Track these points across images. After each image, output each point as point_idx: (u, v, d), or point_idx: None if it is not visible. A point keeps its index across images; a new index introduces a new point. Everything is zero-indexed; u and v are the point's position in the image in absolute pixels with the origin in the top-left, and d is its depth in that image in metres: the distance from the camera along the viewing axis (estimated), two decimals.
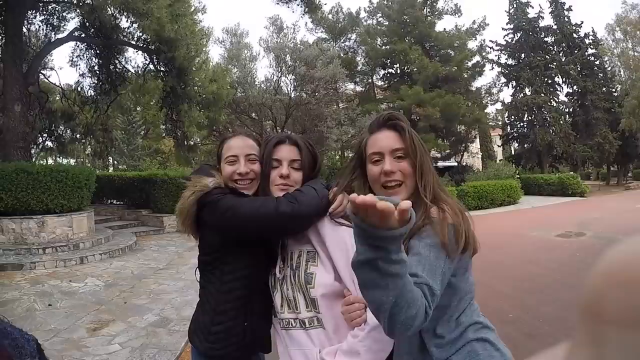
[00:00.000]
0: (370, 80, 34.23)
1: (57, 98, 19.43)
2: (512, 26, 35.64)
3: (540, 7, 35.76)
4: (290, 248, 1.77)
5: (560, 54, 35.48)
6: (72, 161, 32.08)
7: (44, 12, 15.52)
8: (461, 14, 32.59)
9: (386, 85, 33.91)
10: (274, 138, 1.85)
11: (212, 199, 1.76)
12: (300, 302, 1.68)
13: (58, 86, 18.19)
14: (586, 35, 35.17)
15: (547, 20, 35.76)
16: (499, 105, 37.70)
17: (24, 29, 14.23)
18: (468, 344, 1.47)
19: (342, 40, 32.99)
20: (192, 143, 19.89)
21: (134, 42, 15.14)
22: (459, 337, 1.48)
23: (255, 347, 1.92)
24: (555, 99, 35.45)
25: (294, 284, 1.70)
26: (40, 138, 19.06)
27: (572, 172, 31.06)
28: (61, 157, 28.50)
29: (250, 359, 1.96)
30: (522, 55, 34.98)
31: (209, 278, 1.87)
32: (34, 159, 17.04)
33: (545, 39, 35.68)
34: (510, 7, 35.87)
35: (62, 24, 15.87)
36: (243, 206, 1.72)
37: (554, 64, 34.38)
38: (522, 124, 35.86)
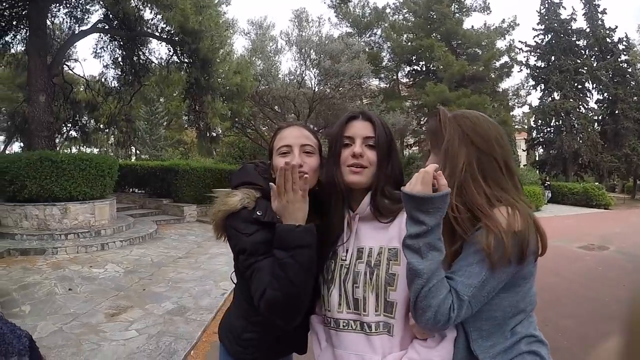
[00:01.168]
0: (395, 77, 33.91)
1: (81, 89, 19.73)
2: (543, 27, 34.64)
3: (573, 9, 34.73)
4: (367, 242, 1.58)
5: (592, 59, 34.41)
6: (96, 151, 32.60)
7: (68, 5, 15.66)
8: (490, 12, 32.14)
9: (411, 83, 33.58)
10: (345, 115, 1.70)
11: (234, 226, 1.61)
12: (370, 304, 1.50)
13: (82, 77, 18.46)
14: (620, 41, 34.04)
15: (580, 23, 34.81)
16: (526, 108, 36.95)
17: (48, 22, 14.41)
18: (520, 355, 1.44)
19: (367, 35, 32.71)
20: (214, 134, 19.89)
21: (157, 34, 15.23)
22: (511, 348, 1.44)
23: (289, 351, 1.89)
24: (585, 105, 34.41)
25: (368, 284, 1.50)
26: (65, 128, 19.35)
27: (597, 183, 30.40)
28: (85, 147, 28.95)
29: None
30: (552, 58, 33.99)
31: (241, 287, 1.79)
32: (58, 148, 17.32)
33: (577, 42, 34.59)
34: (542, 7, 34.87)
35: (85, 16, 16.02)
36: (254, 274, 1.52)
37: (585, 68, 33.46)
38: (548, 129, 35.02)
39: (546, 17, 34.48)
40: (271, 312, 1.48)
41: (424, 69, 32.89)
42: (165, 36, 15.13)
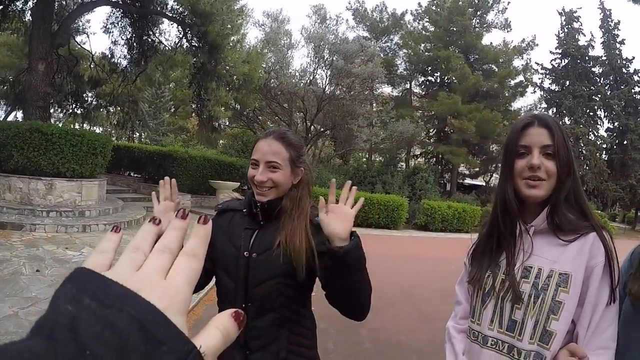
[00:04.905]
0: (408, 86, 33.81)
1: (88, 64, 19.39)
2: (560, 51, 34.58)
3: (592, 36, 34.61)
4: (537, 261, 1.43)
5: (606, 87, 34.21)
6: (99, 130, 32.18)
7: None
8: (510, 29, 31.92)
9: (424, 93, 33.43)
10: (520, 120, 1.55)
11: None
12: (526, 330, 1.37)
13: (88, 51, 18.14)
14: (635, 72, 33.71)
15: (597, 51, 34.65)
16: None
17: None
18: None
19: (383, 41, 32.59)
20: (215, 125, 19.55)
21: (169, 14, 14.93)
22: None
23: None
24: (595, 132, 34.39)
25: (531, 307, 1.38)
26: (68, 103, 18.94)
27: (600, 211, 30.13)
28: (87, 124, 28.57)
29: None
30: (567, 83, 33.92)
31: None
32: (60, 124, 16.94)
33: (593, 69, 34.53)
34: (561, 32, 34.75)
35: None
36: None
37: (599, 96, 33.34)
38: None
39: (564, 42, 34.41)
40: None
41: (438, 80, 32.83)
42: (176, 17, 14.82)
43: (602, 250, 1.36)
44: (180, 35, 15.60)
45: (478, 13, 31.30)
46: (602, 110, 34.13)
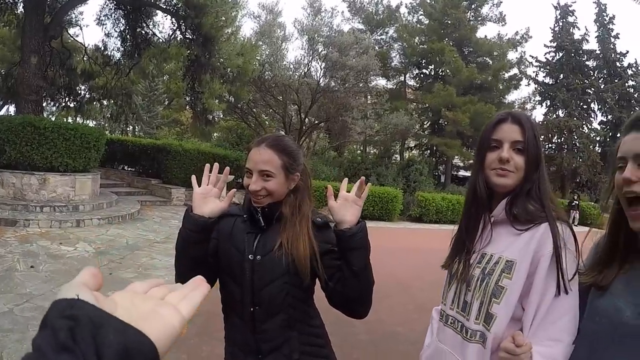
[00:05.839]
0: (402, 78, 33.71)
1: (81, 57, 19.23)
2: (554, 45, 34.61)
3: (587, 30, 34.54)
4: (492, 249, 1.54)
5: (600, 81, 34.36)
6: (93, 123, 32.02)
7: None
8: (505, 23, 31.85)
9: (418, 86, 33.36)
10: (495, 116, 1.65)
11: None
12: (473, 310, 1.49)
13: (81, 44, 17.98)
14: (629, 66, 33.94)
15: (592, 44, 34.65)
16: None
17: None
18: None
19: (378, 34, 32.43)
20: (210, 117, 19.47)
21: (163, 6, 14.82)
22: None
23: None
24: (588, 125, 34.45)
25: (477, 289, 1.50)
26: (61, 96, 18.78)
27: (592, 203, 30.32)
28: (80, 118, 28.41)
29: None
30: (561, 76, 34.01)
31: None
32: (53, 118, 16.79)
33: (587, 63, 34.58)
34: (556, 25, 34.73)
35: None
36: None
37: (592, 89, 33.39)
38: (550, 146, 35.01)
39: (559, 36, 34.37)
40: None
41: (432, 73, 32.73)
42: (170, 9, 14.73)
43: (551, 240, 1.40)
44: (174, 28, 15.45)
45: (472, 6, 31.18)
46: (596, 103, 34.17)
